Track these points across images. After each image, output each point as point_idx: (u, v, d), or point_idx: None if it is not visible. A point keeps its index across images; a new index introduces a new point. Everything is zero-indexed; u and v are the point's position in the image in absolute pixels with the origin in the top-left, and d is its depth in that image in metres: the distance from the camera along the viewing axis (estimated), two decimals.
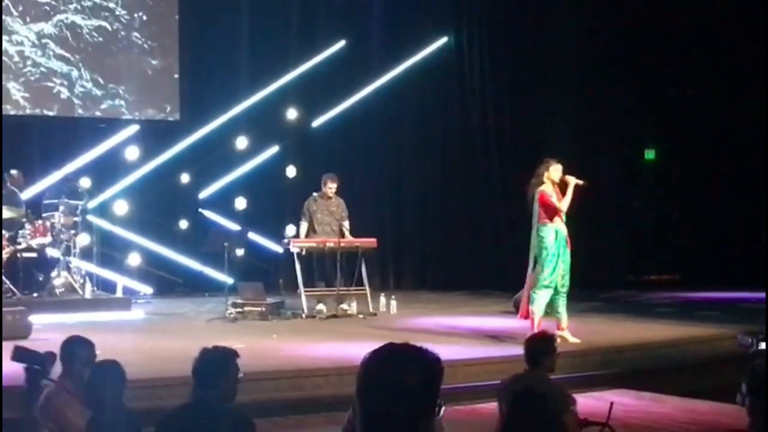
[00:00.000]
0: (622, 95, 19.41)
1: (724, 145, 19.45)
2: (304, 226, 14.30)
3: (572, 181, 11.45)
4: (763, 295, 14.55)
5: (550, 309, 11.49)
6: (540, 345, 6.80)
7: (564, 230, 11.45)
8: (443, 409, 2.83)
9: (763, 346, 6.57)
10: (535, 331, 10.21)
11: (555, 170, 11.52)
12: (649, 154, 20.31)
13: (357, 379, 2.78)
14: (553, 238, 11.40)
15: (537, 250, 11.53)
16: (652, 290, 17.91)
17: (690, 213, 19.35)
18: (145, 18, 16.77)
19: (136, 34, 16.72)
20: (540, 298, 11.41)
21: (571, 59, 19.11)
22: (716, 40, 19.24)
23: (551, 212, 11.42)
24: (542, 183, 11.53)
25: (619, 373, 10.58)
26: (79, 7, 16.33)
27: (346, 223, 14.33)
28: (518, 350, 11.11)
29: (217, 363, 5.30)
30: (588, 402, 9.22)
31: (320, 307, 14.04)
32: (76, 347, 6.28)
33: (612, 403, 6.42)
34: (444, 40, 18.78)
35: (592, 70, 19.36)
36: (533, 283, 11.51)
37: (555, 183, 11.54)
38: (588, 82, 19.25)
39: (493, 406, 6.76)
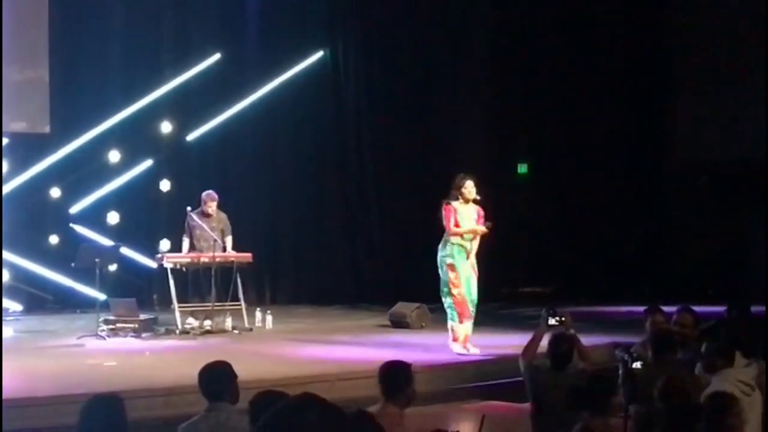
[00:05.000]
0: (495, 110, 19.68)
1: (594, 158, 19.88)
2: (186, 242, 14.16)
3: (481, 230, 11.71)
4: (626, 308, 14.92)
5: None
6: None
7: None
8: None
9: (637, 365, 6.86)
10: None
11: (468, 188, 11.66)
12: (522, 168, 20.61)
13: None
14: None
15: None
16: (527, 303, 18.10)
17: (563, 226, 19.68)
18: (13, 28, 16.34)
19: (3, 44, 16.28)
20: None
21: (445, 74, 19.31)
22: (585, 51, 19.69)
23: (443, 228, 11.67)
24: (455, 198, 11.66)
25: (494, 384, 10.69)
26: None
27: (229, 239, 14.21)
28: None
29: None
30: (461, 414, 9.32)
31: (191, 320, 13.88)
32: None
33: (484, 416, 6.46)
34: (320, 54, 18.77)
35: (464, 85, 19.59)
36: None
37: (468, 201, 11.67)
38: (459, 97, 19.46)
39: None
